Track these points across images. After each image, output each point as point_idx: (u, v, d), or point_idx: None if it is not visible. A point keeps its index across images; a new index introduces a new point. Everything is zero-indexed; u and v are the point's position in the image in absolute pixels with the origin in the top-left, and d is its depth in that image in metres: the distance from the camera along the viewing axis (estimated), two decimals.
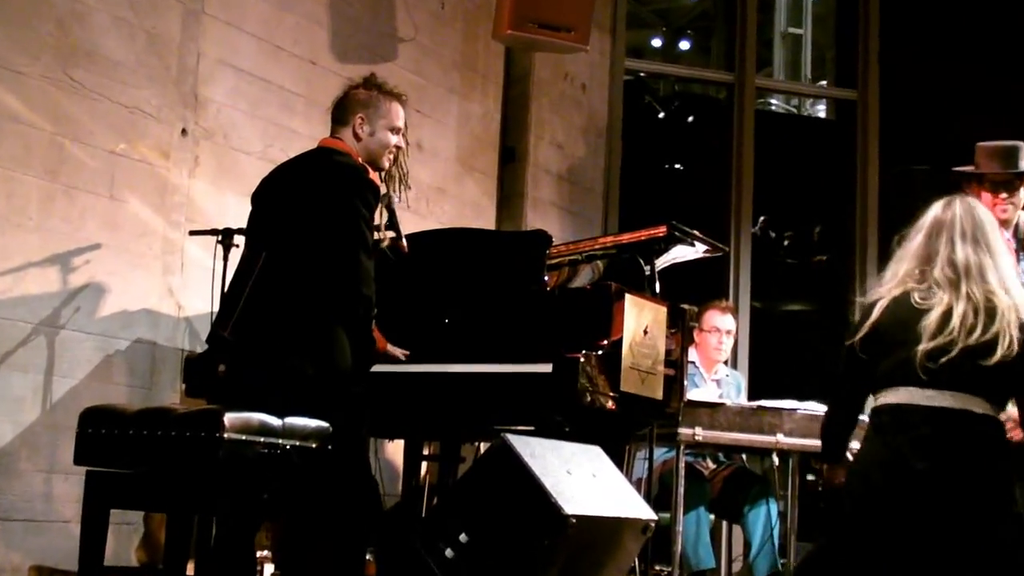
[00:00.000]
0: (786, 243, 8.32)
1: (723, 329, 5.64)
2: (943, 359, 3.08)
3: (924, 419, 3.10)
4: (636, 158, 7.42)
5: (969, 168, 4.36)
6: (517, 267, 4.46)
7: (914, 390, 3.11)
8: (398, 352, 4.22)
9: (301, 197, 3.66)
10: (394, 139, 3.88)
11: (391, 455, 5.70)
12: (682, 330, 4.54)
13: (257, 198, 3.85)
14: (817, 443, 4.53)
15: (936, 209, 3.32)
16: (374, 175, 3.77)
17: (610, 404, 4.10)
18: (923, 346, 3.08)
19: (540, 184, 6.75)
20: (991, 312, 3.11)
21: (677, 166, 8.21)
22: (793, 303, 8.42)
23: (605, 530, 3.64)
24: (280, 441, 3.38)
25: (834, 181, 7.96)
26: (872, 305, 3.26)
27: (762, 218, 7.96)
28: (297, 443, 3.43)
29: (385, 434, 5.14)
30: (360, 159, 3.79)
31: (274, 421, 3.38)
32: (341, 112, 3.86)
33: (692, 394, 4.99)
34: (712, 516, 5.43)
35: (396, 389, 4.23)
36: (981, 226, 3.25)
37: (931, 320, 3.12)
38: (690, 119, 8.37)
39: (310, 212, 3.62)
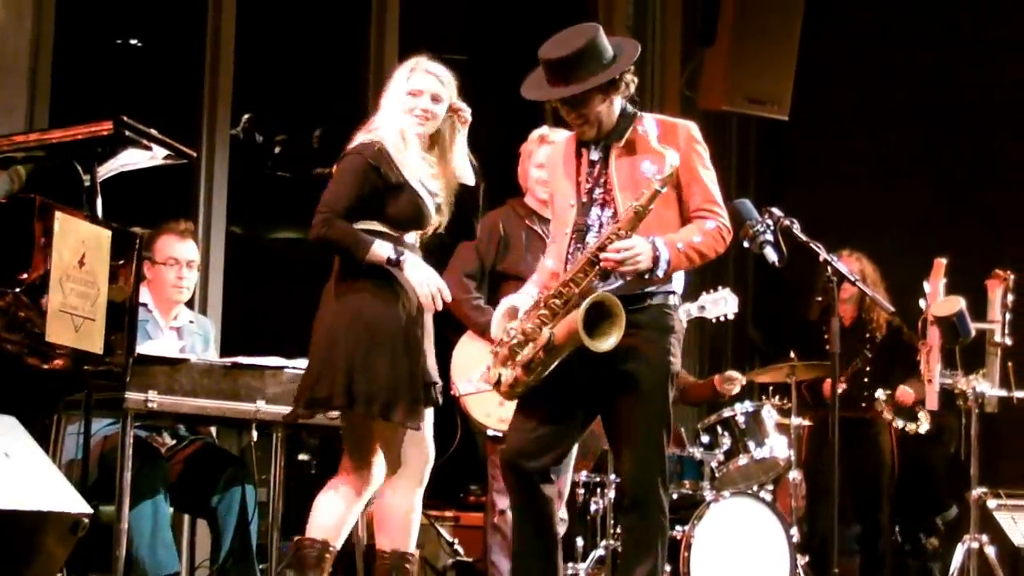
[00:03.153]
0: (277, 150, 8.48)
1: (183, 260, 5.69)
2: None
3: None
4: (76, 27, 7.26)
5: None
6: None
7: None
8: None
9: None
10: None
11: None
12: (132, 262, 4.56)
13: None
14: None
15: None
16: None
17: (31, 360, 4.06)
18: None
19: None
20: None
21: (133, 41, 8.12)
22: (284, 229, 8.60)
23: (19, 529, 3.65)
24: None
25: (340, 68, 8.18)
26: None
27: (246, 116, 8.06)
28: None
29: None
30: None
31: None
32: None
33: (144, 347, 5.03)
34: (172, 508, 5.51)
35: None
36: None
37: None
38: None
39: None
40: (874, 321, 7.52)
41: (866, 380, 7.50)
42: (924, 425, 7.39)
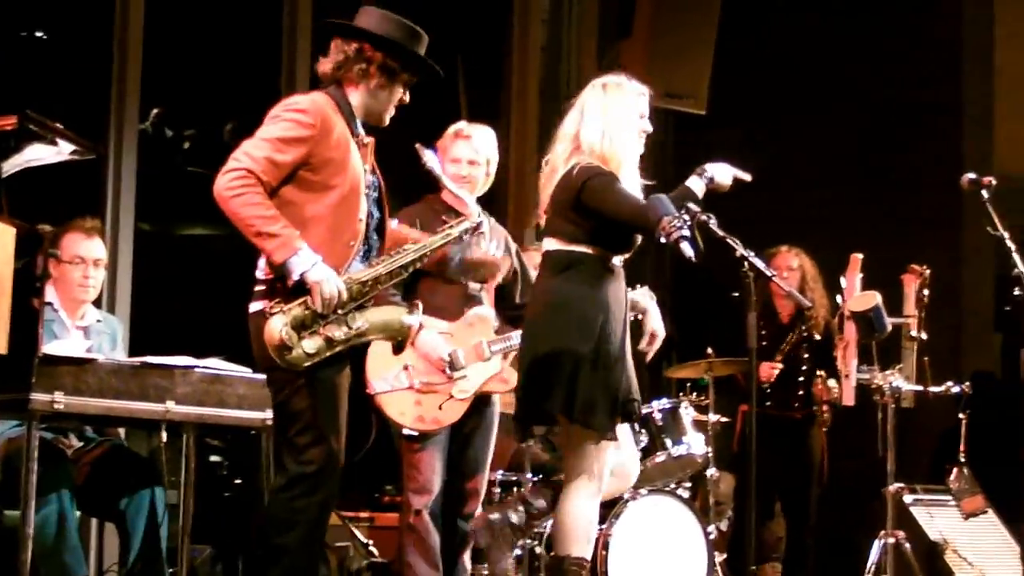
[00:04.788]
0: (187, 145, 8.42)
1: (90, 258, 5.64)
2: None
3: None
4: None
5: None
6: None
7: None
8: None
9: None
10: None
11: None
12: (38, 260, 4.52)
13: None
14: (220, 413, 4.84)
15: None
16: None
17: None
18: None
19: None
20: None
21: (39, 33, 8.04)
22: (194, 225, 8.55)
23: None
24: None
25: (252, 61, 8.15)
26: None
27: (155, 111, 8.00)
28: None
29: None
30: None
31: None
32: None
33: (50, 347, 4.98)
34: (78, 512, 5.47)
35: None
36: None
37: None
38: None
39: None
40: (813, 319, 7.49)
41: (800, 379, 7.50)
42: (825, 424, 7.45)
